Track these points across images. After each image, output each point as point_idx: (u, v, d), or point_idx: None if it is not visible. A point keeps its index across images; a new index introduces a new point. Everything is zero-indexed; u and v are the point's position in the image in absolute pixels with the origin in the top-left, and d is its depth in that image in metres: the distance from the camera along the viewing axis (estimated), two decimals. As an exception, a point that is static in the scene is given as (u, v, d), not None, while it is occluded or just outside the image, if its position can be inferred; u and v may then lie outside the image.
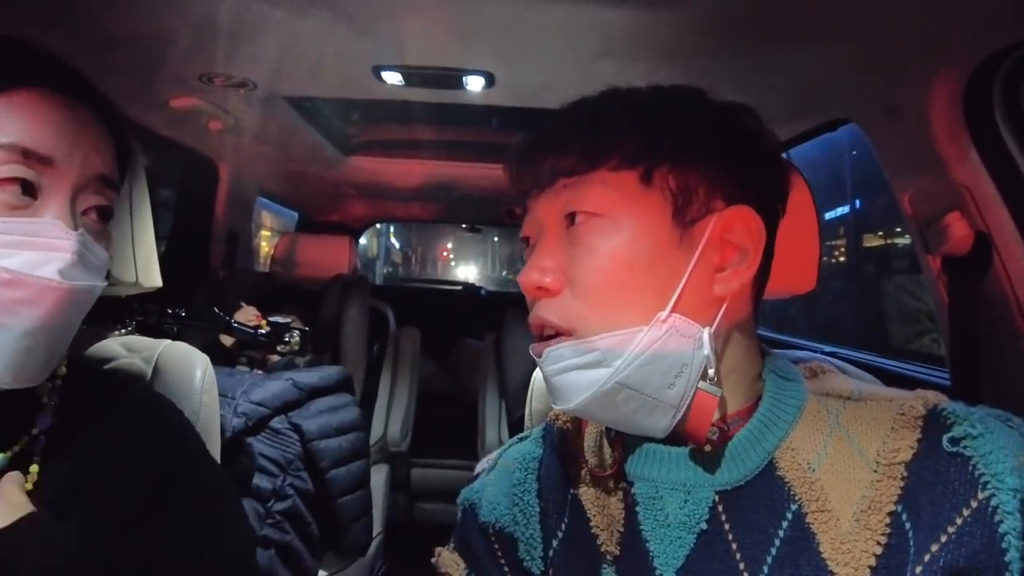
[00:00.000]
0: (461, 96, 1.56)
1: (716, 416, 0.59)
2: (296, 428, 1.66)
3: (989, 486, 0.48)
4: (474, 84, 1.46)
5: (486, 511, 0.70)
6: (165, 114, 1.76)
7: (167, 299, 1.40)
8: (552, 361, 0.58)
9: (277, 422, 1.65)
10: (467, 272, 17.56)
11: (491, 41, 1.25)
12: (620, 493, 0.62)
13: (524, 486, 0.69)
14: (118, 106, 0.74)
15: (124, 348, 1.06)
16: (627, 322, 0.55)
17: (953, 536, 0.48)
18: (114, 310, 1.22)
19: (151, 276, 1.02)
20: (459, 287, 4.68)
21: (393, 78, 1.45)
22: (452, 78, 1.43)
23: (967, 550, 0.47)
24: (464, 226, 4.48)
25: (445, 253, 19.48)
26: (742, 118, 0.62)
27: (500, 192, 3.09)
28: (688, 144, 0.58)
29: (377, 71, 1.42)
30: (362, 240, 4.25)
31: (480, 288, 4.60)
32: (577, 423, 0.72)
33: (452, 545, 0.72)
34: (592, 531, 0.63)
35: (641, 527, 0.59)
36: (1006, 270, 1.11)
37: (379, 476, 2.35)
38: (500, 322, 2.57)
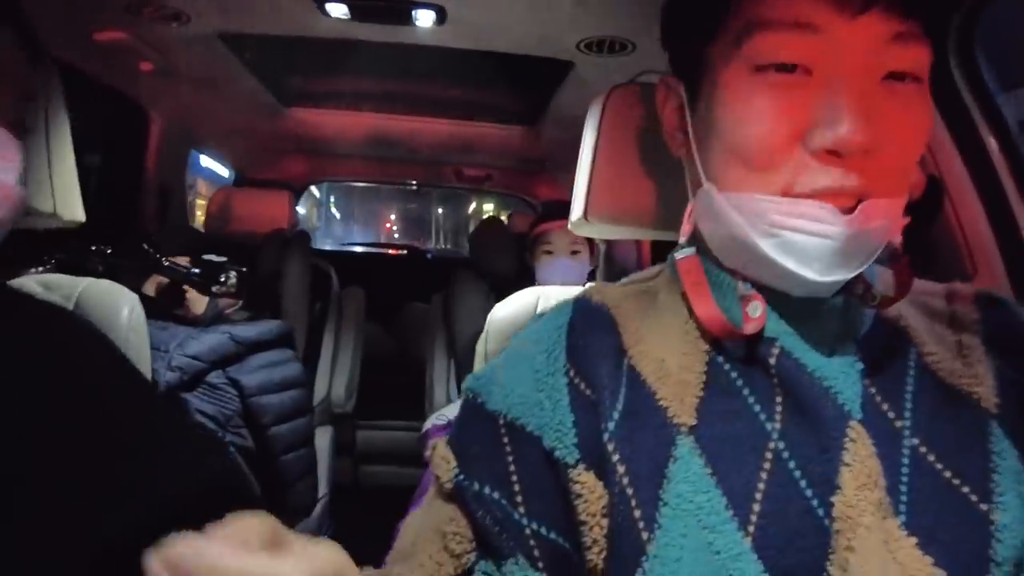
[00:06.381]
0: (410, 34, 1.50)
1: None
2: (235, 383, 1.59)
3: None
4: (424, 19, 1.39)
5: (497, 399, 0.59)
6: (89, 49, 1.64)
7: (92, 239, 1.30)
8: (865, 221, 0.50)
9: (214, 377, 1.57)
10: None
11: (443, -30, 1.19)
12: (759, 352, 0.57)
13: (551, 366, 0.59)
14: None
15: (41, 286, 0.97)
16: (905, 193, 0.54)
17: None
18: (31, 247, 1.13)
19: (71, 208, 0.93)
20: (404, 251, 4.60)
21: (338, 10, 1.37)
22: (401, 12, 1.36)
23: None
24: (413, 184, 4.28)
25: (388, 225, 19.18)
26: None
27: (447, 150, 3.02)
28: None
29: (321, 2, 1.34)
30: (301, 210, 4.10)
31: (427, 251, 4.53)
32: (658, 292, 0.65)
33: (446, 440, 0.62)
34: (659, 403, 0.56)
35: (810, 370, 0.55)
36: (957, 214, 1.13)
37: (323, 438, 2.28)
38: (448, 282, 2.52)
